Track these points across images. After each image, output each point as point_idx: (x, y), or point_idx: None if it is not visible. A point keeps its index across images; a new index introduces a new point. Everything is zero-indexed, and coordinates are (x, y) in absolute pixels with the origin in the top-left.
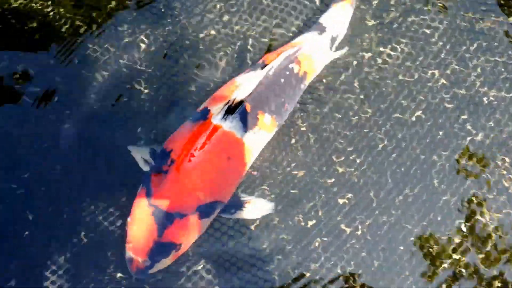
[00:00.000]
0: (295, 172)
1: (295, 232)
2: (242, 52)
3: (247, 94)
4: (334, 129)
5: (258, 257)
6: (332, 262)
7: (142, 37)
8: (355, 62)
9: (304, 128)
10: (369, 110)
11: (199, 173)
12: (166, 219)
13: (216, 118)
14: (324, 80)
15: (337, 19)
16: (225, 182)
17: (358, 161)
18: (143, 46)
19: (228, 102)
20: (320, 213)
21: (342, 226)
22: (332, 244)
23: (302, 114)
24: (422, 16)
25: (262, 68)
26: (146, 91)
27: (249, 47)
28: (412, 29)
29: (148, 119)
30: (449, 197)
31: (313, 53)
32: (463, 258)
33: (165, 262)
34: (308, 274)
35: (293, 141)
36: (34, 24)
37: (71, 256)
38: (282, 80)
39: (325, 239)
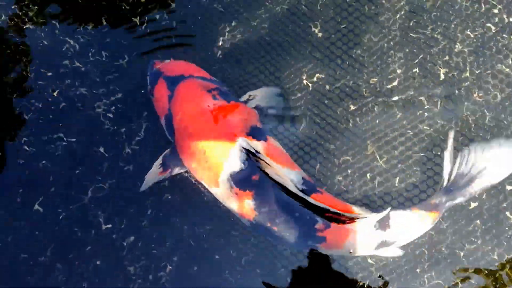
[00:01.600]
0: None
1: None
2: None
3: (277, 183)
4: None
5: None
6: None
7: None
8: None
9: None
10: None
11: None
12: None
13: (240, 141)
14: None
15: (408, 229)
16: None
17: None
18: None
19: (258, 154)
20: None
21: None
22: None
23: None
24: None
25: (321, 213)
26: None
27: None
28: None
29: None
30: None
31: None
32: None
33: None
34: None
35: None
36: None
37: None
38: None
39: None
